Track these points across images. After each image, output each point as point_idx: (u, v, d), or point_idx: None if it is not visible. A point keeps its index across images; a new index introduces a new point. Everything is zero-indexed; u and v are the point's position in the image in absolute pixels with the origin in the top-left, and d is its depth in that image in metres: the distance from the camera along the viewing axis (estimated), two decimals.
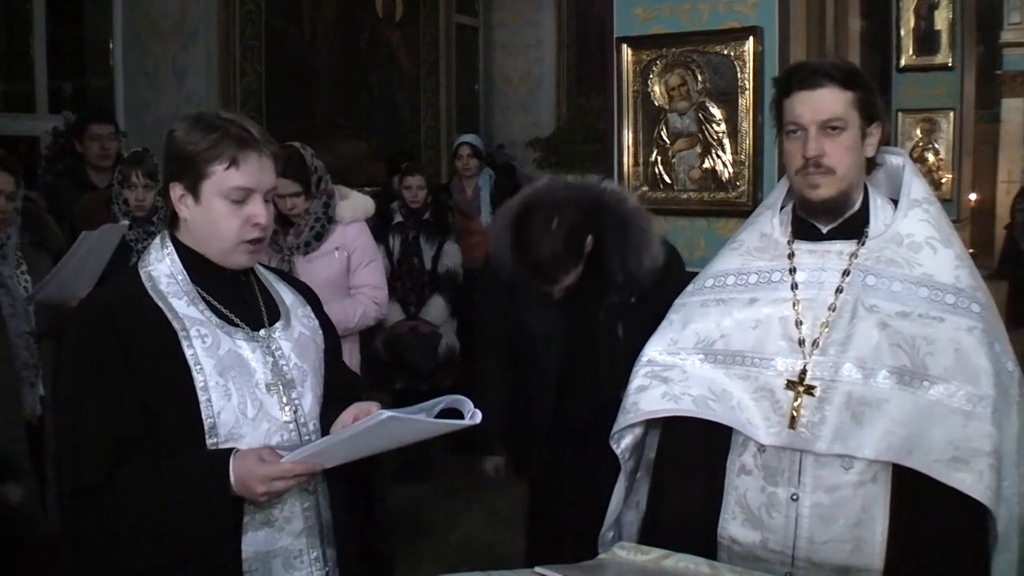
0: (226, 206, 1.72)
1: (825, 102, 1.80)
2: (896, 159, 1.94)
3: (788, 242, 1.92)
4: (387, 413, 1.58)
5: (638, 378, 1.98)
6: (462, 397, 1.74)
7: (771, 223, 1.98)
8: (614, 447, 2.00)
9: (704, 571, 1.58)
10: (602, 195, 2.64)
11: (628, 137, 3.91)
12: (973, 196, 10.02)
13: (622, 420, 1.97)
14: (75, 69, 6.30)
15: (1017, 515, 1.73)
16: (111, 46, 6.05)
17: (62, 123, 5.04)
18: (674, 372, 1.93)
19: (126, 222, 3.14)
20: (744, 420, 1.83)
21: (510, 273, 2.60)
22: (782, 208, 1.99)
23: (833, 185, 1.82)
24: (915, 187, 1.89)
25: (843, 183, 1.83)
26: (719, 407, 1.86)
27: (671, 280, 2.59)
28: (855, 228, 1.87)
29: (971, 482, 1.66)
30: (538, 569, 1.53)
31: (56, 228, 3.52)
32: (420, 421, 1.66)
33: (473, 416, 1.70)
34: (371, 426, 1.58)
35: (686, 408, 1.88)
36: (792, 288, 1.86)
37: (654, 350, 1.99)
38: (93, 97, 6.22)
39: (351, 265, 3.40)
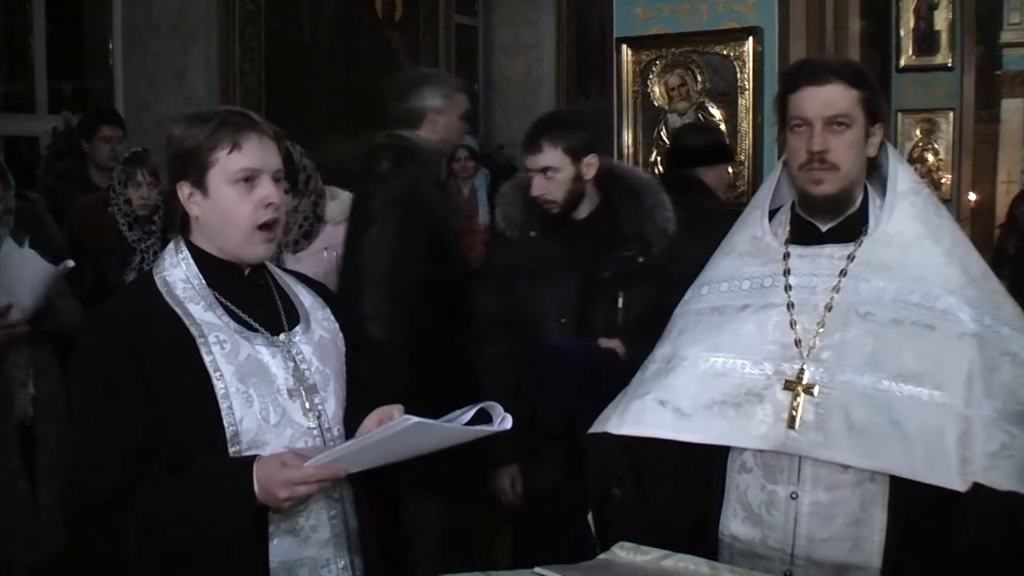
0: (235, 191, 1.69)
1: (833, 97, 1.80)
2: (882, 149, 1.93)
3: (784, 243, 1.91)
4: (413, 420, 1.53)
5: (632, 385, 1.97)
6: (493, 403, 1.70)
7: (761, 225, 1.96)
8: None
9: (704, 571, 1.59)
10: (611, 165, 2.74)
11: (628, 137, 3.91)
12: (972, 196, 10.02)
13: (602, 423, 1.95)
14: (75, 69, 6.29)
15: None
16: (111, 46, 6.05)
17: (62, 123, 5.03)
18: (667, 379, 1.92)
19: (70, 262, 3.04)
20: (728, 430, 1.82)
21: (519, 229, 2.69)
22: (779, 208, 1.98)
23: (836, 182, 1.82)
24: (901, 177, 1.88)
25: (845, 180, 1.83)
26: (703, 422, 1.84)
27: (679, 257, 2.61)
28: (853, 228, 1.86)
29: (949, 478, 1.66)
30: (538, 569, 1.53)
31: (55, 228, 3.51)
32: (447, 428, 1.62)
33: (503, 421, 1.66)
34: (396, 432, 1.55)
35: (666, 428, 1.86)
36: (786, 290, 1.86)
37: (651, 357, 1.99)
38: (93, 97, 6.22)
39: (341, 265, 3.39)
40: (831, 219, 1.88)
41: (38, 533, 3.07)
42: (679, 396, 1.88)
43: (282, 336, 1.76)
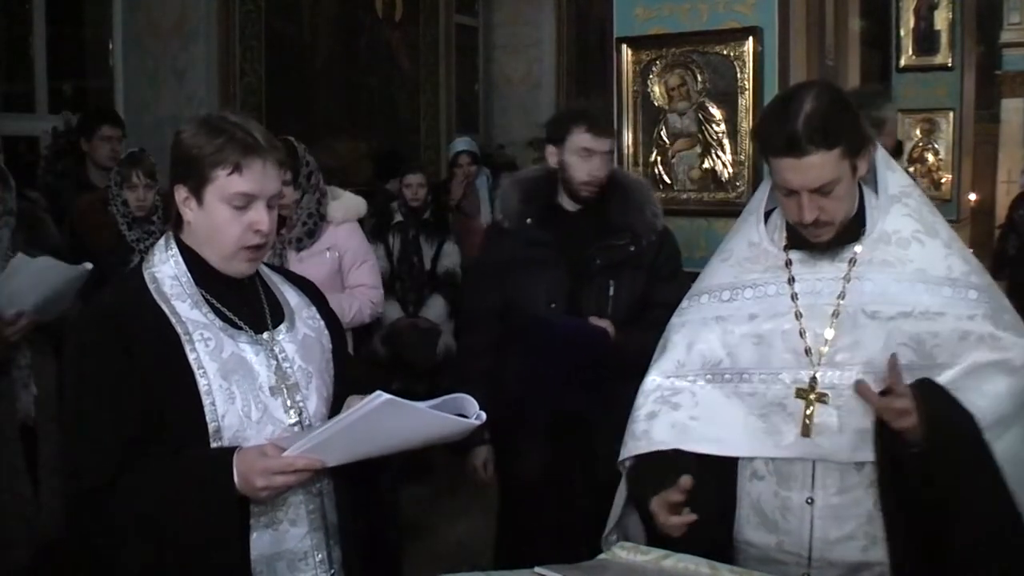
0: (228, 211, 1.71)
1: (814, 169, 1.72)
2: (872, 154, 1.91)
3: (783, 248, 1.91)
4: (385, 396, 1.52)
5: (648, 403, 1.96)
6: (467, 396, 1.71)
7: (757, 230, 1.95)
8: (622, 470, 2.00)
9: (704, 571, 1.59)
10: None
11: (628, 137, 3.91)
12: (973, 196, 10.01)
13: (632, 447, 1.95)
14: (75, 69, 6.28)
15: None
16: (111, 46, 6.04)
17: (62, 123, 5.03)
18: (683, 396, 1.92)
19: (88, 265, 3.08)
20: (757, 441, 1.84)
21: (516, 219, 2.82)
22: (772, 212, 1.98)
23: (832, 230, 1.83)
24: (891, 182, 1.88)
25: (843, 220, 1.84)
26: (735, 436, 1.86)
27: (665, 252, 2.84)
28: (852, 230, 1.86)
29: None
30: (538, 569, 1.54)
31: (53, 228, 3.51)
32: (423, 412, 1.62)
33: (479, 416, 1.68)
34: (370, 412, 1.54)
35: (692, 442, 1.87)
36: (792, 299, 1.86)
37: (660, 373, 1.98)
38: (93, 97, 6.21)
39: (344, 266, 3.40)
40: None
41: (39, 532, 3.08)
42: (709, 412, 1.88)
43: (265, 334, 1.79)
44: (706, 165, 3.81)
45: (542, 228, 2.80)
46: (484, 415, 1.69)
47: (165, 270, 1.76)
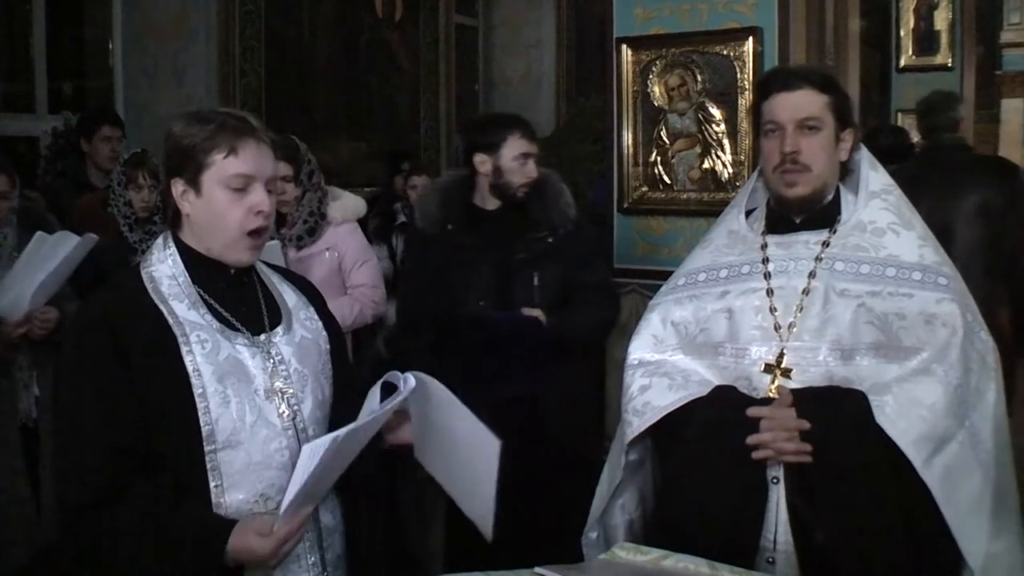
0: (228, 195, 1.71)
1: (803, 102, 1.87)
2: (855, 154, 1.99)
3: (761, 233, 1.98)
4: (332, 436, 1.58)
5: (637, 379, 1.98)
6: (394, 372, 1.74)
7: (737, 220, 2.05)
8: (621, 461, 2.00)
9: (704, 571, 1.59)
10: None
11: (628, 137, 3.92)
12: None
13: (639, 424, 1.94)
14: (75, 69, 6.29)
15: (993, 479, 1.76)
16: (111, 46, 6.04)
17: (62, 123, 5.03)
18: (668, 367, 1.97)
19: (94, 236, 3.12)
20: None
21: (436, 227, 2.93)
22: (755, 207, 2.05)
23: (809, 184, 1.88)
24: (872, 180, 1.95)
25: (818, 182, 1.89)
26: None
27: (581, 237, 2.99)
28: (827, 218, 1.93)
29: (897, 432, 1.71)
30: (538, 569, 1.54)
31: (58, 227, 3.51)
32: (370, 422, 1.67)
33: (407, 381, 1.71)
34: (330, 450, 1.58)
35: (695, 391, 1.89)
36: (765, 277, 1.91)
37: (640, 351, 2.01)
38: (92, 97, 6.21)
39: (344, 266, 3.41)
40: (804, 213, 1.95)
41: (39, 533, 3.08)
42: (687, 378, 1.93)
43: (263, 336, 1.78)
44: (706, 165, 3.82)
45: (464, 231, 2.91)
46: (412, 379, 1.71)
47: (163, 269, 1.76)
